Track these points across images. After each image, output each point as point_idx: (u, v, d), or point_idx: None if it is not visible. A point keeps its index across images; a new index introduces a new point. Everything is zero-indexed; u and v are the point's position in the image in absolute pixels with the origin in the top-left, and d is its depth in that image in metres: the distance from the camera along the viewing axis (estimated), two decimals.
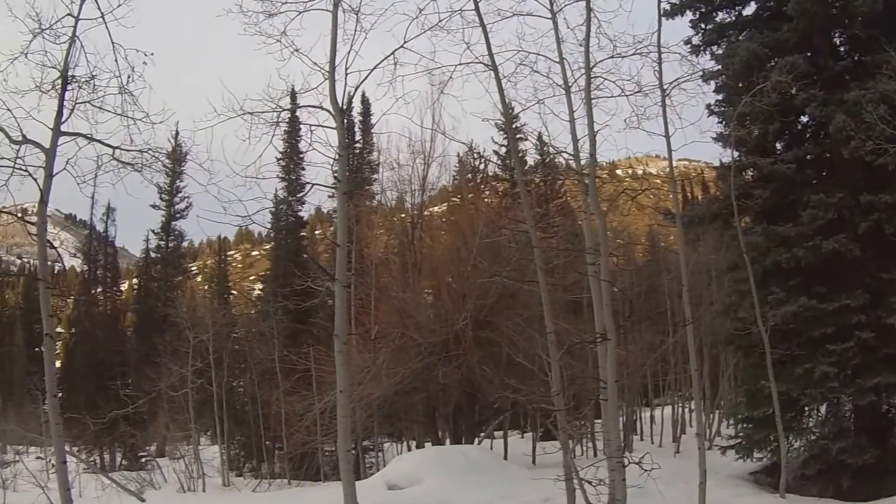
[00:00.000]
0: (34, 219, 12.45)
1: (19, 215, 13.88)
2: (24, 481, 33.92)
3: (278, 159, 43.61)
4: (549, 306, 15.94)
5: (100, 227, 66.74)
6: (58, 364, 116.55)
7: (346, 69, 12.73)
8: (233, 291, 79.43)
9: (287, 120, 14.38)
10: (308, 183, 46.28)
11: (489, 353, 29.76)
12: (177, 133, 27.05)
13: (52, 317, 12.67)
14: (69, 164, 12.39)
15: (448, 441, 33.19)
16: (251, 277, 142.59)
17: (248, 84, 13.62)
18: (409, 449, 38.25)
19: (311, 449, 35.21)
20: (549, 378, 15.89)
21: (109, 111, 12.53)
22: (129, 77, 12.36)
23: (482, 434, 34.41)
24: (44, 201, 12.05)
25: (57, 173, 12.12)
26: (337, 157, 13.23)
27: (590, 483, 14.66)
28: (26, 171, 12.09)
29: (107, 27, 12.15)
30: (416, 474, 23.31)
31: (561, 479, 15.21)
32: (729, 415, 32.95)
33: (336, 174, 13.24)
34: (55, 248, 14.80)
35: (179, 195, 61.99)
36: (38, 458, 43.14)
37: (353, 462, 14.63)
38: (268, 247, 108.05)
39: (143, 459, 47.24)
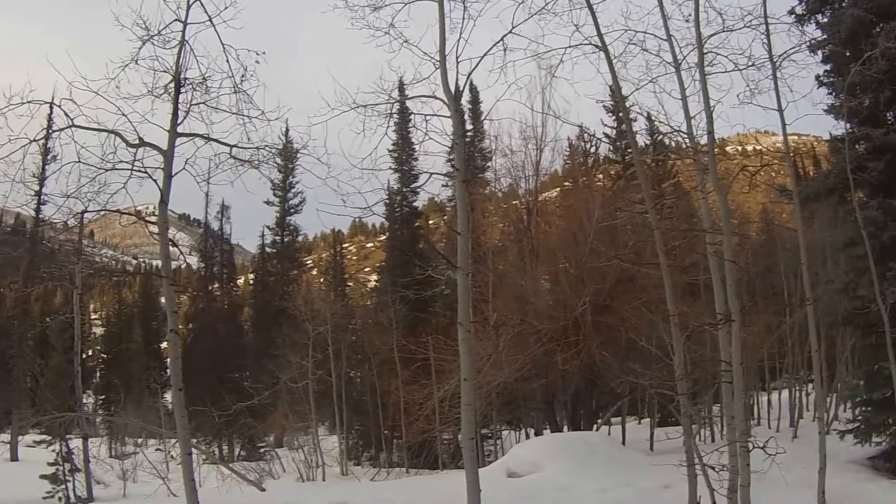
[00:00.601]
0: (152, 219, 13.26)
1: (140, 216, 14.51)
2: (145, 472, 35.25)
3: (390, 151, 44.14)
4: (672, 289, 15.83)
5: (214, 226, 68.68)
6: None
7: (457, 57, 12.69)
8: (348, 283, 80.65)
9: (397, 111, 14.54)
10: (423, 172, 46.86)
11: (608, 337, 29.84)
12: (287, 130, 27.96)
13: (174, 313, 13.30)
14: (188, 164, 13.07)
15: (566, 428, 33.38)
16: (366, 269, 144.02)
17: (359, 77, 13.71)
18: (528, 436, 38.36)
19: (429, 438, 35.58)
20: (672, 362, 15.80)
21: (225, 111, 13.03)
22: (242, 77, 12.83)
23: (600, 420, 34.35)
24: (164, 201, 12.60)
25: (176, 173, 12.74)
26: (453, 145, 13.33)
27: (712, 468, 14.63)
28: (146, 172, 12.64)
29: (215, 30, 12.62)
30: (536, 462, 23.49)
31: (683, 465, 15.20)
32: (846, 398, 32.54)
33: (453, 162, 13.38)
34: (177, 245, 15.44)
35: (293, 191, 63.74)
36: (158, 449, 44.61)
37: (476, 450, 15.06)
38: (382, 238, 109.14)
39: (262, 450, 48.39)
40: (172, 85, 12.68)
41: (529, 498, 19.97)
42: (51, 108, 12.49)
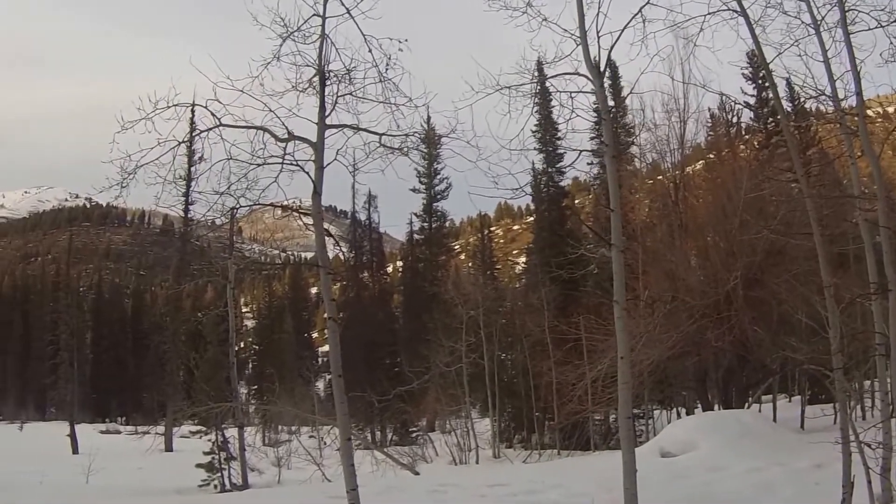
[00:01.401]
0: (305, 210, 13.58)
1: (295, 208, 14.66)
2: (299, 459, 36.83)
3: (534, 132, 44.31)
4: (825, 259, 15.32)
5: (361, 216, 70.45)
6: (326, 347, 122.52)
7: (598, 32, 12.43)
8: (497, 266, 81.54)
9: (538, 91, 14.71)
10: (571, 150, 46.78)
11: (760, 312, 29.56)
12: (428, 117, 28.84)
13: (332, 301, 13.53)
14: (339, 155, 13.37)
15: (718, 406, 33.39)
16: (514, 251, 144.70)
17: (499, 59, 13.62)
18: (679, 416, 38.43)
19: (581, 419, 35.99)
20: (827, 336, 15.26)
21: (371, 100, 13.16)
22: (386, 65, 12.88)
23: (751, 398, 33.92)
24: (317, 192, 12.93)
25: (328, 164, 13.04)
26: (600, 121, 13.34)
27: (869, 446, 14.08)
28: (297, 165, 13.02)
29: (355, 21, 12.80)
30: (689, 441, 23.44)
31: (839, 443, 14.44)
32: None
33: (602, 138, 13.30)
34: (332, 236, 16.15)
35: (438, 177, 64.96)
36: (311, 436, 45.73)
37: (632, 429, 14.91)
38: (529, 220, 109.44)
39: (414, 434, 49.78)
40: (317, 79, 13.02)
41: (682, 478, 19.81)
42: (192, 111, 13.01)
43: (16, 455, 41.92)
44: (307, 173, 12.98)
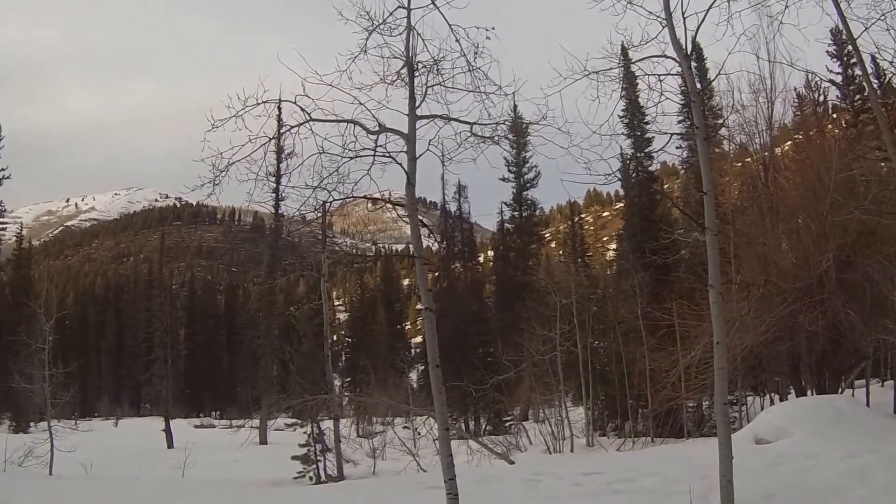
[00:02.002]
0: (382, 206, 14.30)
1: (389, 200, 14.93)
2: (393, 450, 37.85)
3: (621, 117, 44.35)
4: None
5: (450, 207, 71.20)
6: (418, 339, 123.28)
7: (683, 13, 12.70)
8: (588, 254, 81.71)
9: (623, 75, 14.84)
10: (661, 133, 46.62)
11: (853, 295, 29.10)
12: (514, 106, 29.36)
13: (428, 291, 14.09)
14: (431, 145, 13.67)
15: (811, 392, 33.03)
16: (604, 238, 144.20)
17: (584, 43, 13.77)
18: (772, 402, 38.31)
19: (674, 406, 36.04)
20: None
21: (461, 89, 13.45)
22: (474, 54, 13.13)
23: (843, 383, 33.51)
24: (411, 183, 13.19)
25: (420, 155, 13.34)
26: (689, 103, 13.55)
27: None
28: (390, 157, 13.38)
29: (440, 12, 13.09)
30: (784, 427, 23.18)
31: None
32: None
33: (693, 121, 13.31)
34: (427, 226, 16.50)
35: (526, 165, 65.68)
36: (405, 427, 46.67)
37: (728, 416, 15.13)
38: (619, 206, 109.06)
39: (508, 424, 50.37)
40: (405, 70, 13.38)
41: (777, 465, 19.48)
42: (279, 108, 13.42)
43: (112, 450, 43.34)
44: (400, 164, 13.35)
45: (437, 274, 69.53)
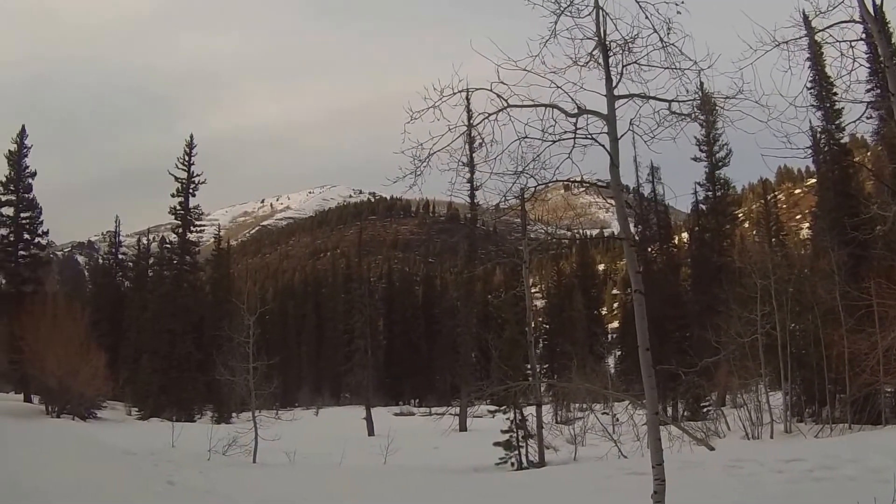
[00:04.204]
0: (586, 188, 14.57)
1: (593, 182, 14.83)
2: (594, 436, 38.33)
3: (808, 88, 43.61)
4: None
5: (644, 190, 71.17)
6: (615, 324, 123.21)
7: None
8: (782, 233, 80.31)
9: (806, 45, 14.66)
10: (857, 102, 45.71)
11: None
12: (700, 83, 29.54)
13: (638, 273, 13.47)
14: (632, 125, 13.27)
15: None
16: (797, 216, 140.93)
17: (769, 14, 13.56)
18: None
19: (872, 391, 35.61)
20: None
21: (657, 66, 13.10)
22: (667, 30, 12.76)
23: None
24: (615, 164, 13.00)
25: (622, 136, 13.07)
26: (885, 68, 13.08)
27: None
28: (592, 138, 13.07)
29: None
30: None
31: None
32: None
33: (889, 87, 12.91)
34: (632, 207, 16.77)
35: (717, 143, 65.38)
36: (604, 413, 47.07)
37: None
38: (810, 182, 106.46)
39: (705, 409, 50.32)
40: (598, 51, 13.10)
41: None
42: (467, 97, 13.44)
43: (315, 438, 45.49)
44: (602, 146, 13.06)
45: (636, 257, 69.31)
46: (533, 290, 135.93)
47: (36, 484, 18.36)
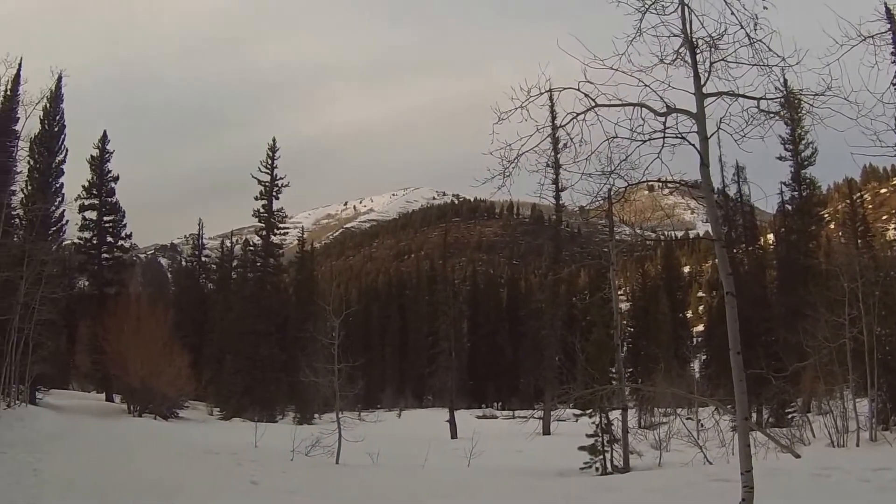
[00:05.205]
0: (677, 188, 14.92)
1: (684, 182, 15.33)
2: (679, 441, 38.22)
3: (894, 83, 42.86)
4: None
5: (729, 191, 70.57)
6: (700, 327, 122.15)
7: None
8: (869, 234, 79.05)
9: (891, 39, 14.52)
10: None
11: None
12: (784, 80, 29.45)
13: (730, 275, 13.97)
14: (722, 123, 13.35)
15: None
16: (883, 217, 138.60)
17: (855, 7, 13.47)
18: None
19: None
20: None
21: (745, 63, 13.17)
22: (754, 26, 12.76)
23: None
24: (705, 164, 13.20)
25: (712, 135, 13.28)
26: None
27: None
28: (682, 137, 13.32)
29: None
30: None
31: None
32: None
33: None
34: (722, 206, 16.73)
35: (803, 142, 64.48)
36: (689, 418, 47.09)
37: None
38: None
39: (790, 415, 49.51)
40: (684, 49, 13.25)
41: None
42: (550, 97, 13.66)
43: (398, 440, 46.08)
44: (693, 145, 13.27)
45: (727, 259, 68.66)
46: (618, 293, 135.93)
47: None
